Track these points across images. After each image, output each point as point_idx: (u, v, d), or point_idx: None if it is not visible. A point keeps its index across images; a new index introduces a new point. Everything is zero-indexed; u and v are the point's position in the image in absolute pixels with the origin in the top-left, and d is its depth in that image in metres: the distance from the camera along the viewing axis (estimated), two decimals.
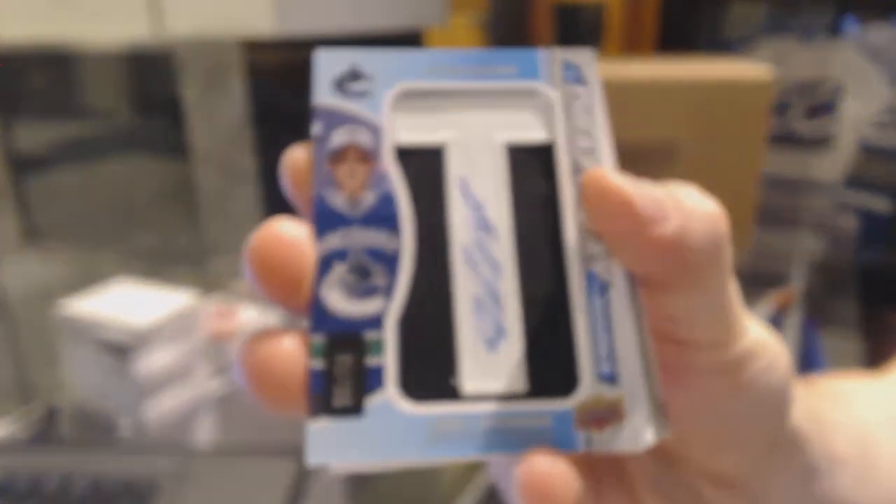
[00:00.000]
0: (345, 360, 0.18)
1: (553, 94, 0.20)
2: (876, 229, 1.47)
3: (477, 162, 0.20)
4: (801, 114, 1.54)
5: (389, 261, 0.18)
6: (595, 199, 0.18)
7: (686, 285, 0.18)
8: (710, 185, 0.87)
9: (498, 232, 0.19)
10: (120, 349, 0.80)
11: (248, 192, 1.48)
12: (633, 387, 0.18)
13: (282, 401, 0.17)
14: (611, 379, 0.18)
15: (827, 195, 1.52)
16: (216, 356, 0.91)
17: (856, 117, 1.49)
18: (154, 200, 1.84)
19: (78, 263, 1.82)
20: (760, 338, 0.21)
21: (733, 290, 0.20)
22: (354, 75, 0.20)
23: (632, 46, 1.53)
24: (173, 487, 0.68)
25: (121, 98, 1.87)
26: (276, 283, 0.18)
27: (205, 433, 0.87)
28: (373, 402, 0.17)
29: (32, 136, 1.93)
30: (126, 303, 0.86)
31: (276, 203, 1.47)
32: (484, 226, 0.19)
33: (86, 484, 0.67)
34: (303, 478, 0.69)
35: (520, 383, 0.18)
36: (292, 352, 0.17)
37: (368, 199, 0.19)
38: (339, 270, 0.18)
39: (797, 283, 1.14)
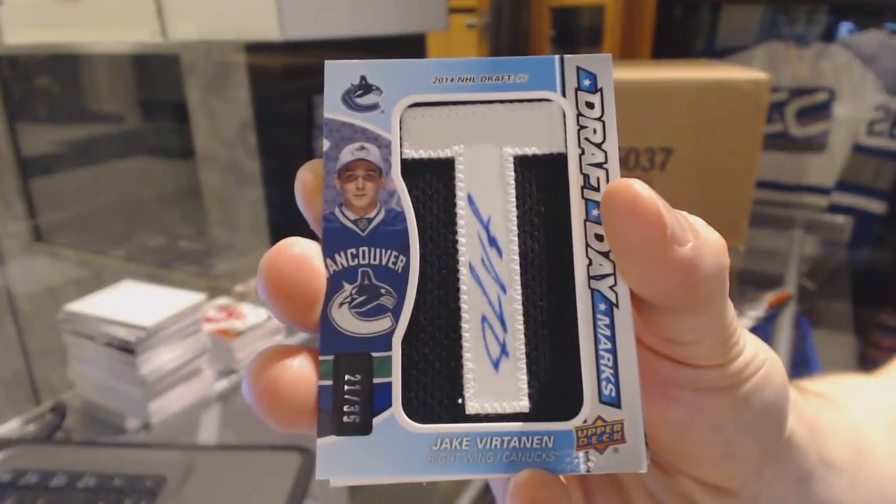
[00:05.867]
0: (353, 378, 0.18)
1: (566, 105, 0.20)
2: (868, 230, 1.48)
3: (484, 176, 0.20)
4: (795, 117, 1.55)
5: (397, 279, 0.19)
6: (624, 212, 0.17)
7: (691, 309, 0.18)
8: (706, 186, 0.87)
9: (504, 249, 0.19)
10: (126, 348, 0.81)
11: (252, 194, 1.48)
12: (632, 409, 0.18)
13: (290, 421, 0.18)
14: (613, 401, 0.18)
15: (820, 196, 1.53)
16: (221, 355, 0.93)
17: (849, 120, 1.50)
18: (160, 202, 1.85)
19: (85, 264, 1.84)
20: (756, 353, 0.21)
21: (731, 311, 0.20)
22: (363, 88, 0.20)
23: (628, 51, 1.54)
24: (179, 482, 0.69)
25: (127, 101, 1.88)
26: (289, 304, 0.18)
27: (210, 429, 0.88)
28: (380, 420, 0.18)
29: (40, 138, 1.95)
30: (132, 302, 0.87)
31: (280, 204, 1.48)
32: (490, 242, 0.19)
33: (93, 480, 0.68)
34: (306, 472, 0.70)
35: (523, 404, 0.18)
36: (301, 372, 0.18)
37: (377, 216, 0.19)
38: (348, 290, 0.19)
39: (790, 284, 1.14)
